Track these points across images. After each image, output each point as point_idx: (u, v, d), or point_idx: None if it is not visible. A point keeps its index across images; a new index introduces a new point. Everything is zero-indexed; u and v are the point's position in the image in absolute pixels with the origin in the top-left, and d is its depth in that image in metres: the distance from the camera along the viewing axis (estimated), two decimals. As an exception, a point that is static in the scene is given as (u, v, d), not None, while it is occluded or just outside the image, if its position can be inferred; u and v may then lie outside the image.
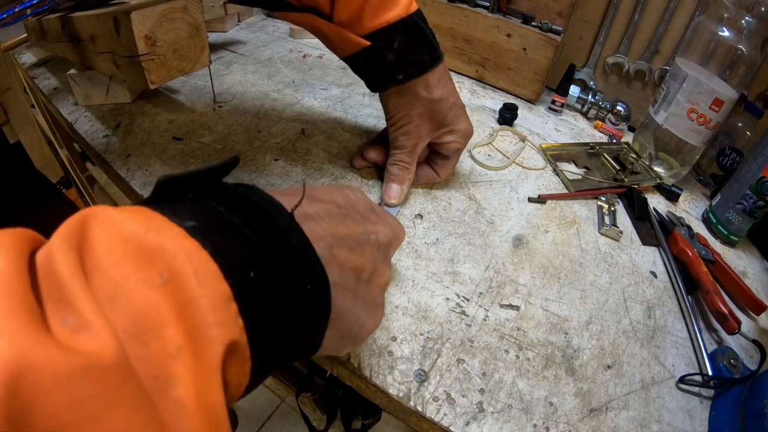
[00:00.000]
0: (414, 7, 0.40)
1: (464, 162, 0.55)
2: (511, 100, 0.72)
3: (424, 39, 0.40)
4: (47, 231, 0.16)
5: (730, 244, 0.55)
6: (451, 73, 0.50)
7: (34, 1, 0.65)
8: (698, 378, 0.37)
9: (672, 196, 0.59)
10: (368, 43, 0.39)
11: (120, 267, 0.14)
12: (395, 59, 0.40)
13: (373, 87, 0.44)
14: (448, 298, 0.39)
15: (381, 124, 0.58)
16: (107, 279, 0.14)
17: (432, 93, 0.42)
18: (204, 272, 0.15)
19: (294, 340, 0.20)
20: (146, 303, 0.14)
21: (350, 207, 0.27)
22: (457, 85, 0.45)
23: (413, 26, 0.39)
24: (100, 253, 0.15)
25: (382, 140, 0.49)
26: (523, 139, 0.63)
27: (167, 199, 0.19)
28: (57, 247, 0.14)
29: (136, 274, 0.14)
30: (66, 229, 0.15)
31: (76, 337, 0.13)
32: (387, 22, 0.38)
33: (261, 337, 0.18)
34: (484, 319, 0.38)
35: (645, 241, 0.51)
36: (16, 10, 0.64)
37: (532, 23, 0.67)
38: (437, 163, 0.49)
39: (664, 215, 0.55)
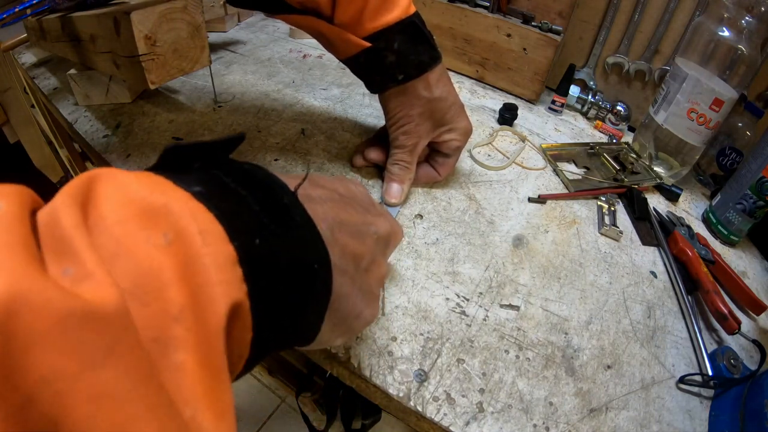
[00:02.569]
0: (412, 9, 0.40)
1: (464, 162, 0.55)
2: (511, 100, 0.72)
3: (423, 39, 0.40)
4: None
5: (730, 244, 0.55)
6: (451, 73, 0.50)
7: (34, 1, 0.65)
8: (698, 378, 0.37)
9: (672, 196, 0.59)
10: (369, 44, 0.39)
11: (124, 225, 0.14)
12: (395, 60, 0.40)
13: (372, 88, 0.44)
14: (448, 298, 0.39)
15: (381, 124, 0.58)
16: (110, 236, 0.14)
17: (432, 92, 0.42)
18: (209, 232, 0.15)
19: (295, 318, 0.20)
20: (149, 262, 0.14)
21: (351, 197, 0.27)
22: (457, 85, 0.45)
23: (413, 27, 0.40)
24: (104, 210, 0.14)
25: (380, 139, 0.49)
26: (523, 139, 0.63)
27: (174, 167, 0.19)
28: (61, 201, 0.14)
29: (140, 233, 0.14)
30: (71, 187, 0.15)
31: (76, 286, 0.12)
32: (387, 24, 0.38)
33: (264, 307, 0.17)
34: (484, 319, 0.38)
35: (645, 241, 0.51)
36: (16, 10, 0.64)
37: (532, 23, 0.67)
38: (437, 161, 0.49)
39: (664, 215, 0.55)
